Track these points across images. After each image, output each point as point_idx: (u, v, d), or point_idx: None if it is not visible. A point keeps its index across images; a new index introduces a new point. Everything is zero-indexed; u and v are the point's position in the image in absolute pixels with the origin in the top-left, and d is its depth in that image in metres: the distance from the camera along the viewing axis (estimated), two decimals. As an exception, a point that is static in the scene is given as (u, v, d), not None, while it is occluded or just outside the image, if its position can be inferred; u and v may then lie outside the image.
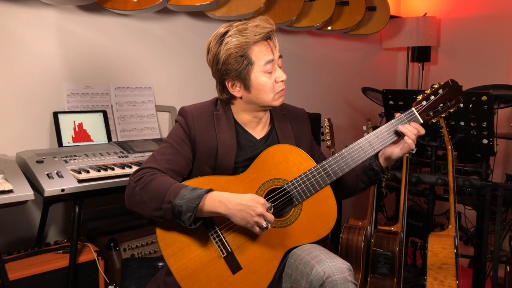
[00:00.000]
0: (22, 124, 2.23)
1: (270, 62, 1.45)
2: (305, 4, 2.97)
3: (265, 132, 1.59)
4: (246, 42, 1.42)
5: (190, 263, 1.41)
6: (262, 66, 1.44)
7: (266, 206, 1.33)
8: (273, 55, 1.45)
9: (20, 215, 2.26)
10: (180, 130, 1.51)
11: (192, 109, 1.53)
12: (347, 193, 1.66)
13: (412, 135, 1.43)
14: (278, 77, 1.47)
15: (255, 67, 1.44)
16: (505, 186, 2.27)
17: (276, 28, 1.49)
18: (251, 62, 1.44)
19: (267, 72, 1.45)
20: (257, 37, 1.43)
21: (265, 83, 1.46)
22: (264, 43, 1.45)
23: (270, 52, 1.45)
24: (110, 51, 2.50)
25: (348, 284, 1.31)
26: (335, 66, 3.64)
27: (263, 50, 1.44)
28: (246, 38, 1.42)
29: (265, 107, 1.52)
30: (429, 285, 1.87)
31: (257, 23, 1.45)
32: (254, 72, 1.45)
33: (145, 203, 1.37)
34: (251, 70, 1.44)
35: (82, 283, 2.00)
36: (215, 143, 1.49)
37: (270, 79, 1.46)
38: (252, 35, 1.42)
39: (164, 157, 1.46)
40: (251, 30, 1.43)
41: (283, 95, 1.50)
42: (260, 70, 1.45)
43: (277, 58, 1.47)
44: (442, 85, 1.49)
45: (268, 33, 1.45)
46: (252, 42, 1.43)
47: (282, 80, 1.48)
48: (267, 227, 1.33)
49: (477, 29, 3.55)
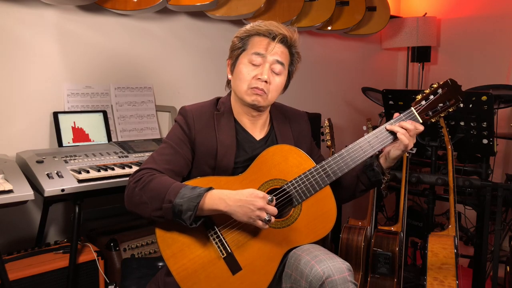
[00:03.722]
0: (22, 124, 2.23)
1: (259, 55, 1.47)
2: (305, 4, 2.97)
3: (265, 133, 1.59)
4: (252, 29, 1.49)
5: (190, 264, 1.41)
6: (250, 55, 1.47)
7: (267, 199, 1.33)
8: (265, 51, 1.47)
9: (20, 215, 2.26)
10: (179, 130, 1.51)
11: (193, 108, 1.53)
12: (347, 196, 1.66)
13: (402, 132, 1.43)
14: (258, 74, 1.47)
15: (245, 53, 1.49)
16: (505, 186, 2.27)
17: (294, 40, 1.51)
18: (245, 47, 1.50)
19: (251, 63, 1.47)
20: (263, 31, 1.47)
21: (243, 72, 1.48)
22: (266, 39, 1.48)
23: (265, 47, 1.47)
24: (110, 51, 2.50)
25: (348, 284, 1.31)
26: (335, 66, 3.64)
27: (260, 42, 1.48)
28: (255, 27, 1.49)
29: (242, 101, 1.52)
30: (429, 285, 1.87)
31: (277, 25, 1.50)
32: (242, 56, 1.50)
33: (145, 204, 1.37)
34: (242, 54, 1.50)
35: (82, 283, 2.00)
36: (214, 143, 1.49)
37: (251, 71, 1.47)
38: (261, 28, 1.48)
39: (163, 158, 1.46)
40: (266, 24, 1.49)
41: (257, 93, 1.47)
42: (247, 57, 1.48)
43: (271, 59, 1.47)
44: (441, 84, 1.49)
45: (278, 35, 1.47)
46: (257, 32, 1.48)
47: (260, 79, 1.46)
48: (270, 219, 1.33)
49: (477, 29, 3.55)
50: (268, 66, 1.47)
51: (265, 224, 1.34)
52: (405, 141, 1.43)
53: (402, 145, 1.45)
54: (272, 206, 1.33)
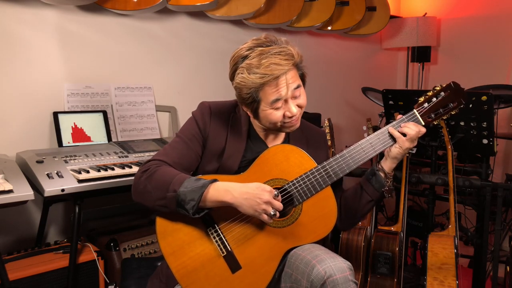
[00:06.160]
0: (22, 124, 2.23)
1: (278, 101, 1.40)
2: (305, 4, 2.97)
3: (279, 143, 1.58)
4: (254, 83, 1.37)
5: (190, 262, 1.41)
6: (270, 104, 1.41)
7: (273, 194, 1.33)
8: (281, 95, 1.39)
9: (20, 215, 2.26)
10: (194, 125, 1.52)
11: (212, 105, 1.54)
12: (352, 212, 1.58)
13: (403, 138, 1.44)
14: (287, 112, 1.43)
15: (263, 103, 1.41)
16: (505, 186, 2.27)
17: (297, 60, 1.42)
18: (259, 99, 1.40)
19: (274, 108, 1.41)
20: (266, 79, 1.35)
21: (272, 117, 1.43)
22: (274, 82, 1.37)
23: (278, 92, 1.38)
24: (110, 51, 2.50)
25: (349, 283, 1.31)
26: (335, 66, 3.64)
27: (272, 89, 1.38)
28: (256, 78, 1.36)
29: (277, 130, 1.52)
30: (429, 285, 1.87)
31: (275, 60, 1.35)
32: (262, 107, 1.42)
33: (149, 192, 1.39)
34: (259, 105, 1.42)
35: (82, 283, 2.00)
36: (223, 142, 1.51)
37: (278, 113, 1.42)
38: (262, 76, 1.35)
39: (175, 152, 1.48)
40: (264, 68, 1.35)
41: (293, 125, 1.47)
42: (267, 106, 1.41)
43: (289, 93, 1.41)
44: (444, 87, 1.49)
45: (284, 72, 1.38)
46: (260, 83, 1.36)
47: (291, 116, 1.43)
48: (275, 214, 1.33)
49: (477, 29, 3.55)
50: (291, 100, 1.43)
51: (270, 218, 1.34)
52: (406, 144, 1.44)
53: (403, 146, 1.45)
54: (277, 201, 1.34)
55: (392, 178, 1.54)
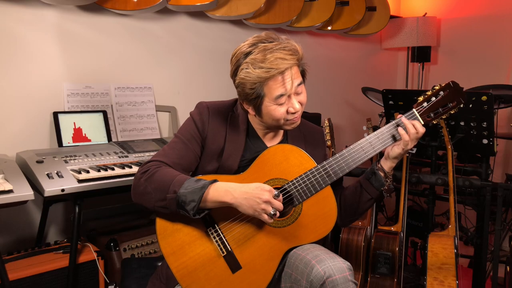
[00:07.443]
0: (22, 124, 2.23)
1: (282, 96, 1.41)
2: (305, 4, 2.97)
3: (277, 142, 1.59)
4: (260, 77, 1.37)
5: (190, 262, 1.41)
6: (273, 100, 1.41)
7: (273, 193, 1.33)
8: (286, 90, 1.40)
9: (20, 215, 2.26)
10: (192, 125, 1.52)
11: (210, 105, 1.54)
12: (352, 210, 1.59)
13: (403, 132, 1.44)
14: (290, 108, 1.43)
15: (266, 99, 1.41)
16: (505, 186, 2.27)
17: (300, 55, 1.43)
18: (263, 94, 1.40)
19: (278, 104, 1.42)
20: (272, 73, 1.36)
21: (276, 113, 1.43)
22: (280, 77, 1.38)
23: (283, 86, 1.39)
24: (110, 51, 2.50)
25: (349, 283, 1.31)
26: (335, 66, 3.64)
27: (277, 84, 1.39)
28: (262, 72, 1.36)
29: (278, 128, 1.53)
30: (429, 285, 1.87)
31: (280, 55, 1.36)
32: (265, 103, 1.42)
33: (149, 194, 1.38)
34: (262, 101, 1.42)
35: (82, 283, 2.00)
36: (222, 142, 1.51)
37: (281, 109, 1.43)
38: (267, 70, 1.36)
39: (174, 152, 1.48)
40: (270, 62, 1.36)
41: (295, 122, 1.48)
42: (271, 101, 1.41)
43: (293, 89, 1.42)
44: (443, 86, 1.49)
45: (288, 67, 1.39)
46: (265, 78, 1.37)
47: (294, 113, 1.44)
48: (275, 214, 1.33)
49: (477, 29, 3.55)
50: (294, 96, 1.44)
51: (270, 218, 1.34)
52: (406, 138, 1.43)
53: (403, 144, 1.45)
54: (277, 201, 1.34)
55: (392, 177, 1.54)
